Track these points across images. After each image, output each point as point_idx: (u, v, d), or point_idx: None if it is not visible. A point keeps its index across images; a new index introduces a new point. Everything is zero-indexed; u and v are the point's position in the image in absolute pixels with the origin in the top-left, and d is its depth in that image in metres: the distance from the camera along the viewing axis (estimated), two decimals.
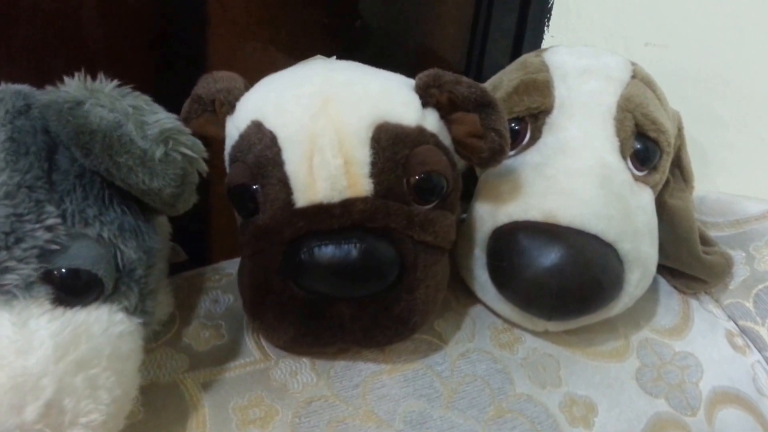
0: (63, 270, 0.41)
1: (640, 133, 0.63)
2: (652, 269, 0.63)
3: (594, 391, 0.60)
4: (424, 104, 0.55)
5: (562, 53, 0.68)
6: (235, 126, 0.55)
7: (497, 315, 0.64)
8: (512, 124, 0.64)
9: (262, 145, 0.52)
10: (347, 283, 0.50)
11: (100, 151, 0.41)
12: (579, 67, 0.66)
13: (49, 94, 0.42)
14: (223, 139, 0.58)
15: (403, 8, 1.05)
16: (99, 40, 0.81)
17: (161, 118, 0.44)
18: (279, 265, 0.51)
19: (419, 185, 0.53)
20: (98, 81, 0.43)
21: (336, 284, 0.50)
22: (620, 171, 0.61)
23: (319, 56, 0.60)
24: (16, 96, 0.45)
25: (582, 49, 0.69)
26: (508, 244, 0.58)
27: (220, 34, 0.88)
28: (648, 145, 0.63)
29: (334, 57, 0.60)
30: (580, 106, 0.63)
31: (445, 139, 0.56)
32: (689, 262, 0.70)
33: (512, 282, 0.58)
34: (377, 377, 0.56)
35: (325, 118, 0.51)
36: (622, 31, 0.87)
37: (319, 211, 0.50)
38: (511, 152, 0.64)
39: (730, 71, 0.79)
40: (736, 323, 0.73)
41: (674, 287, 0.73)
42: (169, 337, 0.56)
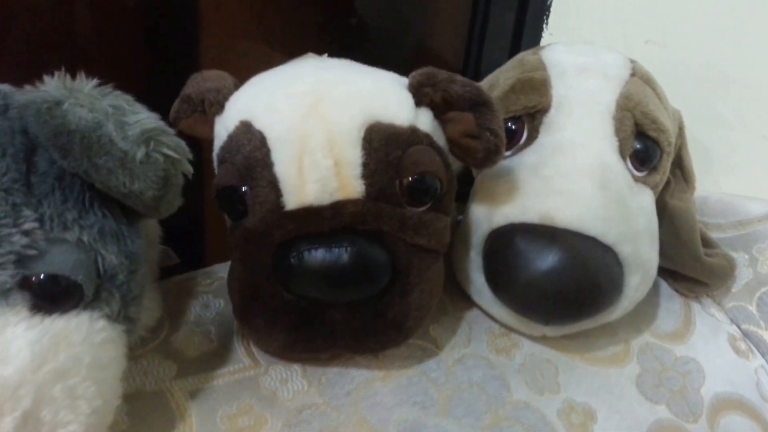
0: (41, 276, 0.39)
1: (640, 133, 0.62)
2: (653, 272, 0.62)
3: (593, 398, 0.59)
4: (418, 103, 0.53)
5: (559, 51, 0.67)
6: (223, 126, 0.54)
7: (494, 319, 0.62)
8: (509, 123, 0.63)
9: (251, 146, 0.51)
10: (338, 287, 0.49)
11: (78, 152, 0.39)
12: (577, 64, 0.64)
13: (28, 93, 0.41)
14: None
15: (400, 6, 1.04)
16: (91, 38, 0.80)
17: (142, 118, 0.42)
18: (268, 270, 0.50)
19: (412, 187, 0.52)
20: (78, 80, 0.42)
21: (326, 289, 0.49)
22: (619, 171, 0.60)
23: (310, 54, 0.59)
24: None
25: (580, 47, 0.68)
26: (504, 246, 0.57)
27: (214, 31, 0.87)
28: (648, 145, 0.62)
29: (326, 55, 0.59)
30: (578, 105, 0.62)
31: (440, 140, 0.55)
32: (691, 265, 0.68)
33: (508, 286, 0.57)
34: (370, 384, 0.55)
35: (315, 118, 0.50)
36: (621, 29, 0.86)
37: (309, 213, 0.49)
38: (508, 152, 0.63)
39: (732, 69, 0.78)
40: (739, 327, 0.71)
41: (675, 290, 0.72)
42: (157, 344, 0.55)
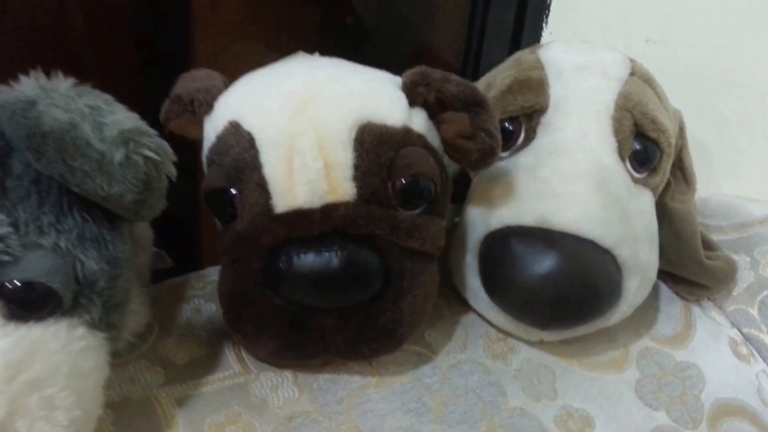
0: (15, 282, 0.38)
1: (640, 133, 0.61)
2: (652, 276, 0.61)
3: (591, 404, 0.58)
4: (412, 103, 0.52)
5: (557, 50, 0.66)
6: (212, 127, 0.53)
7: (491, 324, 0.61)
8: (506, 124, 0.62)
9: (240, 147, 0.50)
10: (328, 292, 0.48)
11: (52, 154, 0.38)
12: (575, 63, 0.63)
13: (2, 93, 0.40)
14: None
15: (398, 5, 1.03)
16: (85, 39, 0.79)
17: (121, 119, 0.41)
18: (258, 274, 0.49)
19: (405, 189, 0.50)
20: (54, 79, 0.40)
21: (316, 294, 0.48)
22: (618, 173, 0.59)
23: (301, 53, 0.57)
24: None
25: (578, 45, 0.67)
26: (500, 250, 0.56)
27: (208, 31, 0.86)
28: (647, 146, 0.61)
29: (317, 54, 0.57)
30: (576, 105, 0.61)
31: (434, 140, 0.54)
32: (691, 268, 0.67)
33: (505, 290, 0.56)
34: (363, 391, 0.53)
35: (304, 119, 0.48)
36: (622, 27, 0.85)
37: (298, 216, 0.48)
38: (505, 153, 0.62)
39: (734, 68, 0.77)
40: (740, 331, 0.70)
41: (676, 293, 0.71)
42: (145, 350, 0.54)
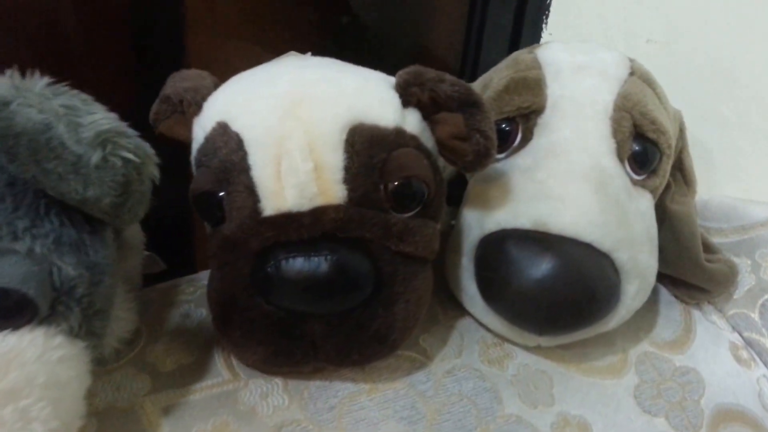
0: None
1: (639, 134, 0.60)
2: (651, 280, 0.60)
3: (589, 410, 0.57)
4: (405, 104, 0.51)
5: (555, 49, 0.65)
6: (201, 127, 0.52)
7: (487, 329, 0.60)
8: (502, 124, 0.61)
9: (228, 149, 0.48)
10: (317, 298, 0.47)
11: (25, 156, 0.37)
12: (573, 63, 0.62)
13: None
14: None
15: (396, 4, 1.02)
16: (79, 38, 0.78)
17: (98, 119, 0.40)
18: (246, 279, 0.48)
19: (398, 192, 0.49)
20: (29, 78, 0.39)
21: (305, 300, 0.47)
22: (617, 175, 0.58)
23: (292, 52, 0.56)
24: None
25: (577, 45, 0.66)
26: (496, 253, 0.55)
27: (202, 30, 0.85)
28: (647, 147, 0.60)
29: (309, 53, 0.56)
30: (574, 106, 0.60)
31: (428, 142, 0.52)
32: (691, 271, 0.66)
33: (500, 295, 0.55)
34: (355, 398, 0.52)
35: (294, 120, 0.47)
36: (622, 27, 0.85)
37: (287, 220, 0.47)
38: (501, 155, 0.61)
39: (736, 69, 0.76)
40: (740, 335, 0.69)
41: (675, 297, 0.70)
42: (132, 356, 0.53)
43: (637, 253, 0.57)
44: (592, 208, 0.54)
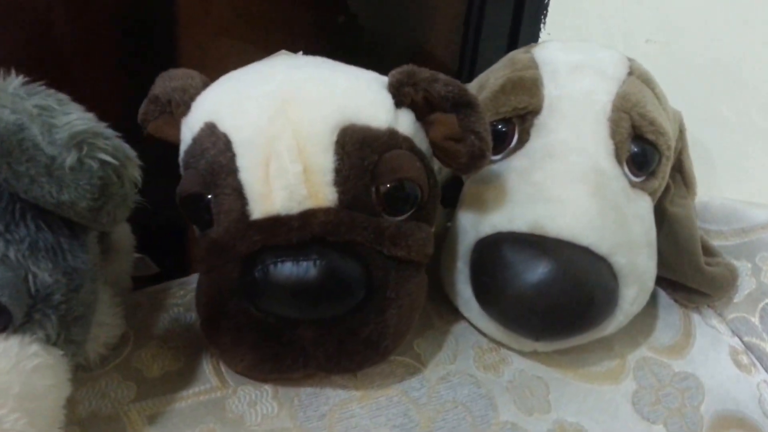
0: None
1: (638, 136, 0.58)
2: (650, 284, 0.59)
3: (585, 417, 0.56)
4: (398, 104, 0.50)
5: (552, 49, 0.63)
6: (188, 128, 0.51)
7: (482, 334, 0.59)
8: (498, 125, 0.59)
9: (216, 150, 0.47)
10: (306, 303, 0.45)
11: None
12: (570, 63, 0.61)
13: None
14: None
15: (393, 4, 1.01)
16: (70, 37, 0.77)
17: (73, 119, 0.38)
18: (234, 284, 0.47)
19: (390, 194, 0.48)
20: (2, 78, 0.38)
21: (294, 305, 0.46)
22: (615, 177, 0.57)
23: (283, 52, 0.55)
24: None
25: (574, 44, 0.65)
26: (492, 257, 0.54)
27: (195, 29, 0.84)
28: (646, 149, 0.59)
29: (300, 52, 0.55)
30: (572, 106, 0.58)
31: (421, 143, 0.51)
32: (691, 274, 0.65)
33: (496, 299, 0.54)
34: (346, 405, 0.51)
35: (283, 120, 0.46)
36: (622, 27, 0.84)
37: (276, 223, 0.46)
38: (497, 156, 0.60)
39: (736, 69, 0.76)
40: (741, 339, 0.68)
41: (674, 301, 0.69)
42: (119, 362, 0.52)
43: (635, 257, 0.56)
44: (589, 211, 0.53)
